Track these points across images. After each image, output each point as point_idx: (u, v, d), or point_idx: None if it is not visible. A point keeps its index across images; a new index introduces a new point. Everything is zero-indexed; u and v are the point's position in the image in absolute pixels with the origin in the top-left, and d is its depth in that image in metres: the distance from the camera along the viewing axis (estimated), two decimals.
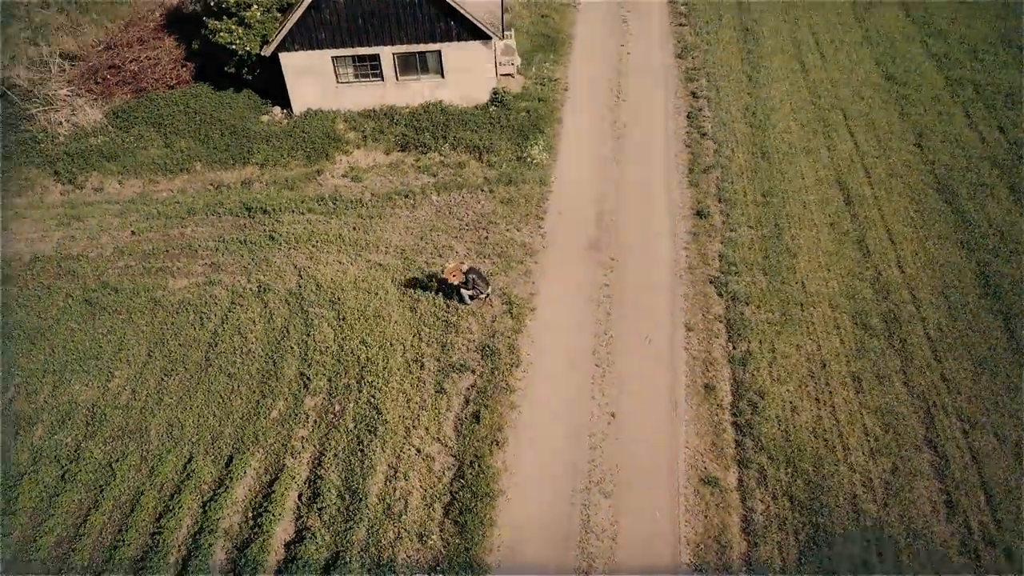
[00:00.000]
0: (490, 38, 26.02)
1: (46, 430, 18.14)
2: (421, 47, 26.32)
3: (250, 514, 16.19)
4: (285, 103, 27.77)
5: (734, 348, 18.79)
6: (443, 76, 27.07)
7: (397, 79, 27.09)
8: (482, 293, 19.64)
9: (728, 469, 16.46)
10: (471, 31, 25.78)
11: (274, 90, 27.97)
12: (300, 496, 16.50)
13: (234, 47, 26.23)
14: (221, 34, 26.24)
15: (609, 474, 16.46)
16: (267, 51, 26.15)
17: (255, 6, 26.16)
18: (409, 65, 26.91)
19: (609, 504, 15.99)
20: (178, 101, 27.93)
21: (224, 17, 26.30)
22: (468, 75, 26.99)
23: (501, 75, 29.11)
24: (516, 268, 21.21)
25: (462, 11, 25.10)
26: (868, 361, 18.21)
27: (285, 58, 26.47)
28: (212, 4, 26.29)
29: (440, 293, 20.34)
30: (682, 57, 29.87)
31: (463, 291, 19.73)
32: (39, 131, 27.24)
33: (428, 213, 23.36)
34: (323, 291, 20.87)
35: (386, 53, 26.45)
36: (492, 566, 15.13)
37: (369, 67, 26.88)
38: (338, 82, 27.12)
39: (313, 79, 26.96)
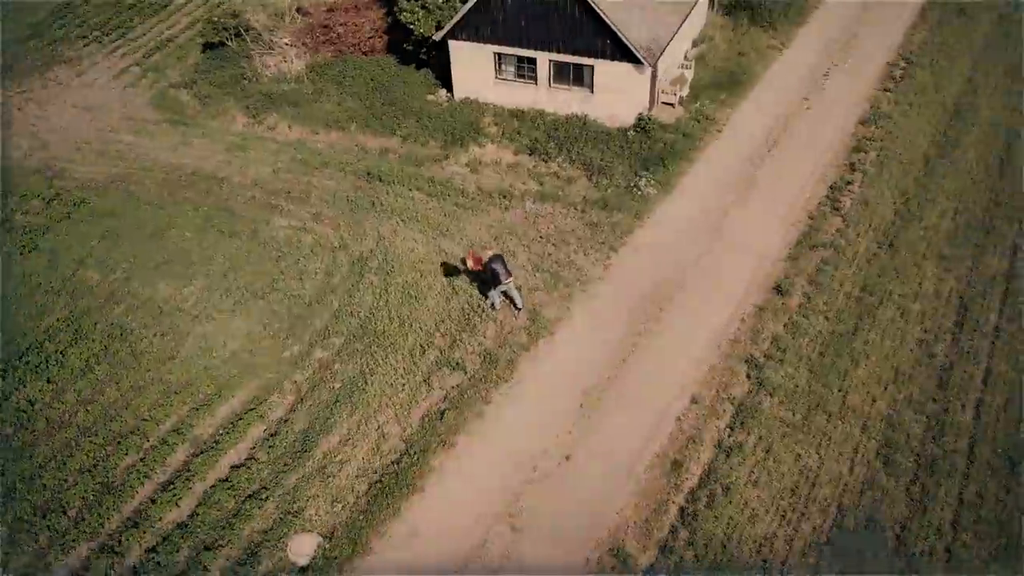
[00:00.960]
0: (642, 63, 25.57)
1: (124, 311, 21.40)
2: (575, 59, 26.57)
3: (220, 431, 18.00)
4: (451, 87, 29.44)
5: (729, 434, 17.22)
6: (592, 91, 27.11)
7: (550, 86, 27.60)
8: (503, 281, 19.58)
9: (646, 551, 15.33)
10: (623, 52, 25.54)
11: (447, 74, 29.74)
12: (264, 430, 18.01)
13: (412, 27, 28.38)
14: (404, 13, 28.50)
15: (529, 513, 16.05)
16: (437, 36, 27.93)
17: None
18: (562, 74, 27.28)
19: (513, 539, 15.63)
20: (364, 67, 30.76)
21: None
22: (616, 95, 26.78)
23: (661, 103, 28.47)
24: (560, 290, 21.01)
25: (616, 30, 24.95)
26: (867, 499, 15.82)
27: (453, 46, 28.07)
28: None
29: (478, 290, 20.80)
30: (864, 124, 27.06)
31: (492, 294, 20.02)
32: (250, 70, 31.45)
33: (514, 217, 23.75)
34: (386, 262, 22.20)
35: (543, 59, 27.05)
36: (374, 550, 15.55)
37: (526, 69, 27.65)
38: (496, 77, 28.23)
39: (475, 70, 28.32)
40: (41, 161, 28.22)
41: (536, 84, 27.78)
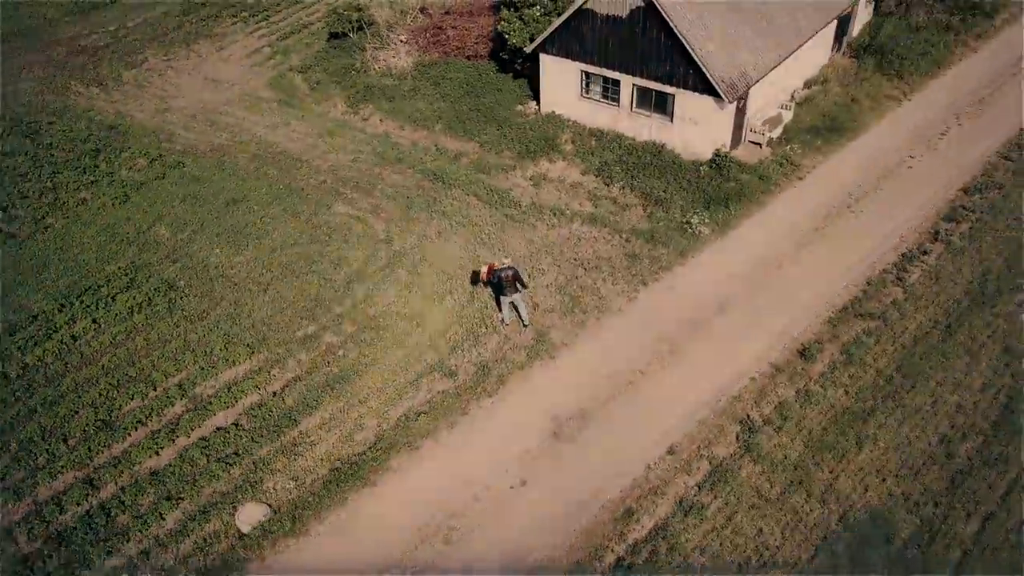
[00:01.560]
0: (722, 97, 24.61)
1: (177, 269, 23.17)
2: (657, 86, 25.97)
3: (218, 394, 19.13)
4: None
5: (695, 493, 16.34)
6: (671, 120, 26.40)
7: (631, 110, 27.14)
8: (504, 292, 19.53)
9: None
10: (704, 84, 24.69)
11: (538, 87, 29.90)
12: (256, 400, 18.97)
13: (507, 37, 28.78)
14: (502, 23, 28.95)
15: (466, 530, 15.98)
16: (528, 48, 28.17)
17: (537, 6, 28.24)
18: (644, 100, 26.74)
19: (441, 552, 15.63)
20: (464, 71, 31.51)
21: (512, 9, 28.88)
22: (695, 127, 25.94)
23: (749, 141, 27.30)
24: (575, 315, 20.68)
25: (698, 60, 24.17)
26: None
27: (544, 59, 28.20)
28: None
29: (495, 301, 20.88)
30: (967, 192, 24.59)
31: (503, 306, 20.04)
32: (361, 61, 33.01)
33: (558, 237, 23.58)
34: (422, 261, 22.73)
35: (626, 82, 26.64)
36: (310, 532, 16.04)
37: (610, 90, 27.33)
38: (581, 95, 28.10)
39: (562, 86, 28.32)
40: (160, 123, 31.01)
41: (618, 106, 27.39)
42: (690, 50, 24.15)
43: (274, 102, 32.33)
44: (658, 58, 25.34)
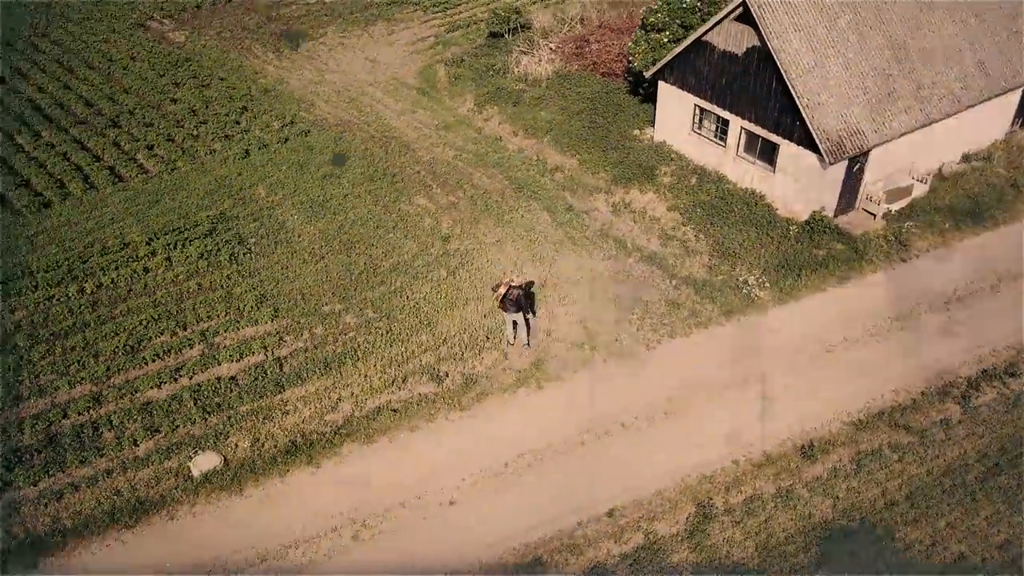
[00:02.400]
0: (823, 156, 22.41)
1: (254, 227, 25.06)
2: (764, 132, 24.14)
3: (231, 347, 20.52)
4: None
5: (610, 566, 15.26)
6: (773, 171, 24.45)
7: (737, 153, 25.44)
8: (507, 309, 19.25)
9: None
10: (808, 139, 22.61)
11: None
12: (260, 360, 20.16)
13: (631, 59, 28.03)
14: (630, 44, 28.22)
15: (379, 534, 16.11)
16: (647, 73, 27.25)
17: (667, 32, 27.21)
18: (750, 145, 24.96)
19: (347, 546, 15.88)
20: (593, 86, 31.10)
21: (645, 31, 28.07)
22: (795, 183, 23.85)
23: (862, 208, 24.68)
24: (583, 351, 19.92)
25: (803, 111, 22.17)
26: None
27: (662, 87, 27.14)
28: (647, 19, 28.22)
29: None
30: None
31: (507, 324, 19.78)
32: (503, 64, 33.57)
33: (607, 269, 22.75)
34: (466, 265, 22.92)
35: (735, 123, 25.00)
36: (244, 493, 16.89)
37: (720, 130, 25.80)
38: (692, 130, 26.76)
39: (676, 117, 27.13)
40: (307, 93, 33.55)
41: (725, 148, 25.79)
42: (796, 98, 22.20)
43: (413, 89, 33.78)
44: (766, 102, 23.55)
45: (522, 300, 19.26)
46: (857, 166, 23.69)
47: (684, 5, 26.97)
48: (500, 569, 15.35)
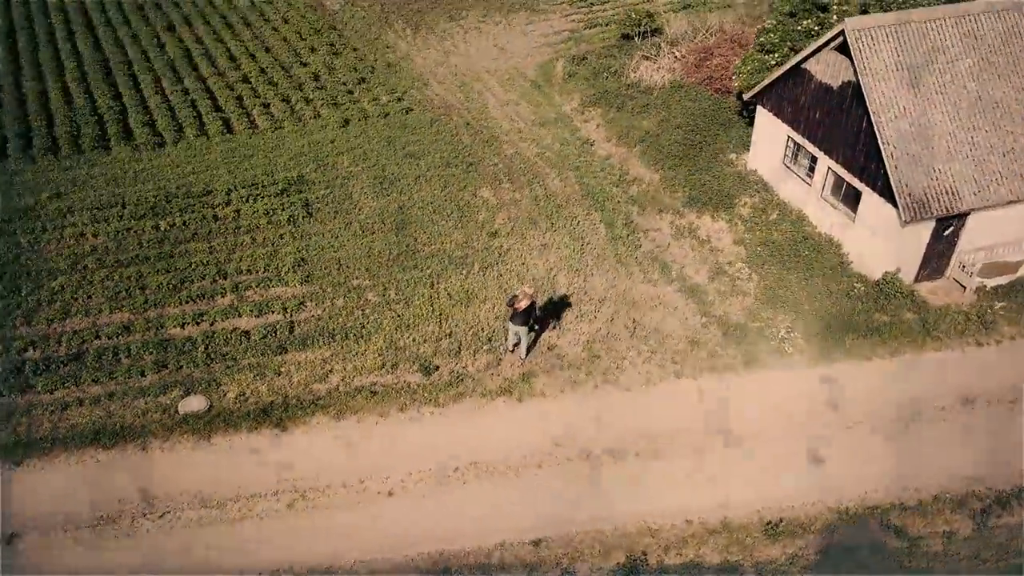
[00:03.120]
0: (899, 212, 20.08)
1: (325, 194, 26.05)
2: (848, 176, 21.96)
3: (256, 303, 21.50)
4: None
5: None
6: (854, 221, 22.20)
7: (821, 195, 23.33)
8: (509, 319, 18.89)
9: None
10: (889, 191, 20.32)
11: None
12: (275, 321, 21.02)
13: (735, 77, 26.37)
14: (738, 63, 26.54)
15: (313, 510, 16.49)
16: (746, 95, 25.55)
17: (776, 54, 25.31)
18: (836, 187, 22.78)
19: (279, 512, 16.40)
20: (702, 101, 29.51)
21: (758, 51, 26.27)
22: (872, 237, 21.55)
23: (952, 277, 21.93)
24: (577, 374, 19.20)
25: (886, 159, 19.94)
26: None
27: (760, 112, 25.36)
28: (758, 37, 26.43)
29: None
30: None
31: (508, 332, 19.44)
32: (619, 67, 32.65)
33: (640, 295, 21.67)
34: (498, 264, 22.67)
35: (823, 162, 22.91)
36: (213, 442, 17.82)
37: (809, 166, 23.75)
38: (783, 162, 24.81)
39: (770, 146, 25.26)
40: (425, 72, 34.37)
41: (810, 187, 23.72)
42: (881, 144, 19.99)
43: (528, 82, 33.65)
44: (855, 144, 21.40)
45: (533, 313, 18.85)
46: (949, 229, 21.00)
47: (799, 28, 24.90)
48: (409, 569, 15.23)
